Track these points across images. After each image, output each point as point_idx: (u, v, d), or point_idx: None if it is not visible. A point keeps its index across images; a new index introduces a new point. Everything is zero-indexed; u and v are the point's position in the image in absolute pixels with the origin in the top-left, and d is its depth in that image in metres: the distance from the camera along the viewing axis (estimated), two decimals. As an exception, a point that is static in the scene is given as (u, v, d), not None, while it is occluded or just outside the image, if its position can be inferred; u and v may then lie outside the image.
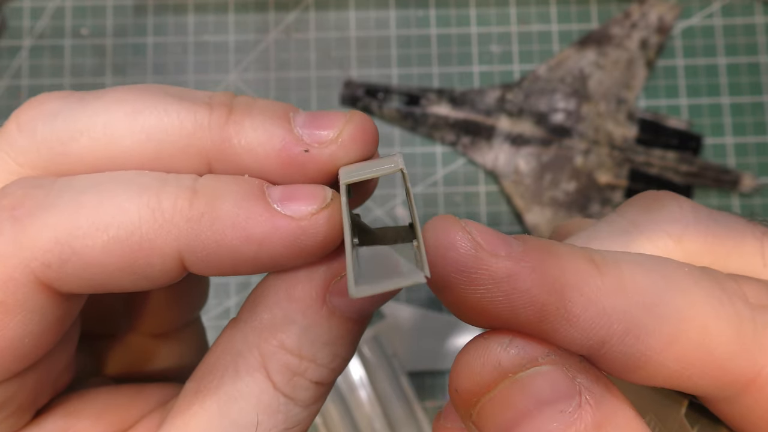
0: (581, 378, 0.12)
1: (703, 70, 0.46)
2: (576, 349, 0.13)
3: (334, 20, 0.47)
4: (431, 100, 0.43)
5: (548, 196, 0.43)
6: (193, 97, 0.16)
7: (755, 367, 0.13)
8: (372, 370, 0.42)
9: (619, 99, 0.45)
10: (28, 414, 0.16)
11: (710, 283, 0.13)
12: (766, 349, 0.13)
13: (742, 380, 0.13)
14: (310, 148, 0.15)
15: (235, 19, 0.47)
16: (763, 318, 0.13)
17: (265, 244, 0.14)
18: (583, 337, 0.13)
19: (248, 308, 0.16)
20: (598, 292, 0.12)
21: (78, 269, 0.14)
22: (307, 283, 0.15)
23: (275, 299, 0.16)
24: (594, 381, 0.13)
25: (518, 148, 0.43)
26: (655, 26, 0.46)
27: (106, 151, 0.15)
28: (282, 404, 0.15)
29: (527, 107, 0.44)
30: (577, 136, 0.43)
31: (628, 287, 0.13)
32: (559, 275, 0.12)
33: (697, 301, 0.13)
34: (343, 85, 0.45)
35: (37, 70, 0.46)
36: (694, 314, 0.13)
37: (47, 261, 0.14)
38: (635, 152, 0.44)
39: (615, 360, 0.13)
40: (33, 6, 0.47)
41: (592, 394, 0.12)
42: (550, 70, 0.45)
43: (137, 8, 0.47)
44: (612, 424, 0.12)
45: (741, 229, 0.16)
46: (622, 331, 0.12)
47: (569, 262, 0.13)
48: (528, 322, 0.13)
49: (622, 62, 0.45)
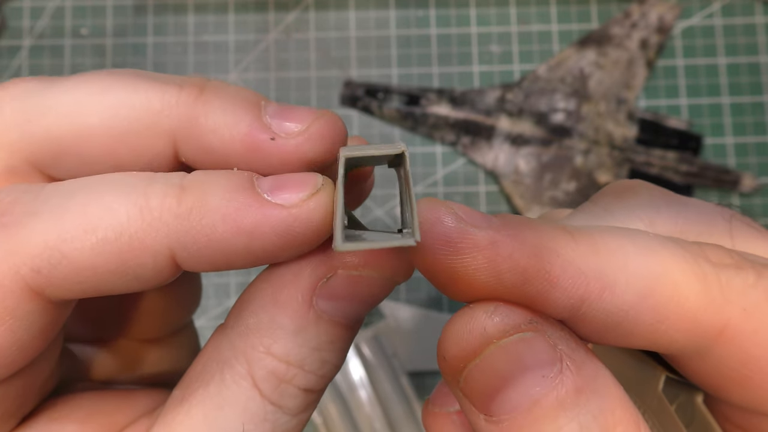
0: (562, 345, 0.13)
1: (703, 70, 0.46)
2: (559, 312, 0.13)
3: (334, 20, 0.47)
4: (431, 100, 0.43)
5: (548, 196, 0.43)
6: (165, 78, 0.16)
7: (723, 317, 0.13)
8: (372, 370, 0.42)
9: (619, 99, 0.45)
10: (14, 419, 0.16)
11: (676, 246, 0.14)
12: (731, 302, 0.13)
13: (711, 331, 0.14)
14: (276, 136, 0.15)
15: (235, 19, 0.47)
16: (727, 274, 0.14)
17: (257, 234, 0.14)
18: (564, 297, 0.13)
19: (235, 314, 0.16)
20: (574, 254, 0.13)
21: (68, 273, 0.14)
22: (292, 286, 0.15)
23: (261, 303, 0.15)
24: (575, 348, 0.13)
25: (518, 148, 0.43)
26: (655, 26, 0.46)
27: (73, 128, 0.15)
28: (269, 413, 0.15)
29: (527, 107, 0.44)
30: (577, 136, 0.43)
31: (600, 250, 0.13)
32: (537, 241, 0.13)
33: (665, 260, 0.14)
34: (343, 85, 0.45)
35: (37, 70, 0.46)
36: (664, 271, 0.13)
37: (37, 266, 0.13)
38: (635, 152, 0.44)
39: (595, 318, 0.13)
40: (33, 6, 0.47)
41: (572, 360, 0.13)
42: (550, 70, 0.45)
43: (137, 8, 0.47)
44: (591, 389, 0.13)
45: (710, 212, 0.17)
46: (599, 289, 0.13)
47: (545, 231, 0.14)
48: (512, 286, 0.13)
49: (623, 62, 0.45)
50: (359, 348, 0.42)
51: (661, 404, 0.16)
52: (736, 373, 0.14)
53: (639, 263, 0.14)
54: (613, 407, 0.13)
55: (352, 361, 0.42)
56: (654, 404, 0.17)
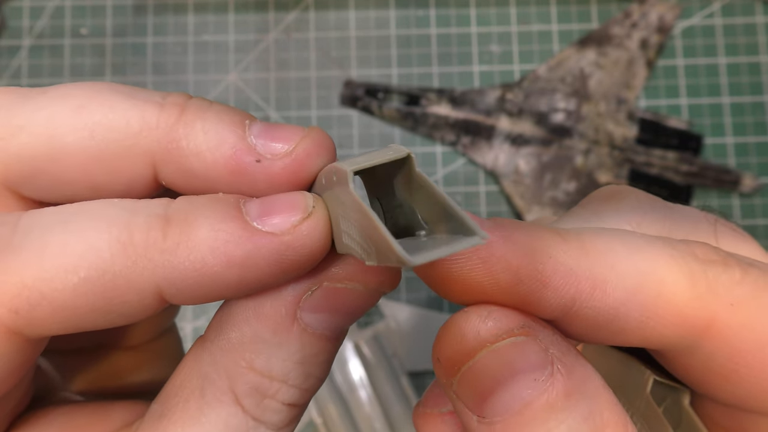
0: (554, 349, 0.13)
1: (704, 70, 0.46)
2: (551, 311, 0.14)
3: (334, 20, 0.47)
4: (431, 100, 0.43)
5: (548, 196, 0.43)
6: (145, 95, 0.15)
7: (709, 312, 0.14)
8: (372, 370, 0.42)
9: (620, 99, 0.45)
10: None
11: (663, 244, 0.14)
12: (718, 298, 0.14)
13: (699, 326, 0.14)
14: (262, 158, 0.15)
15: (235, 19, 0.47)
16: (714, 271, 0.14)
17: (249, 265, 0.13)
18: (556, 296, 0.14)
19: (215, 326, 0.15)
20: (565, 254, 0.14)
21: (48, 313, 0.13)
22: (276, 299, 0.15)
23: (243, 317, 0.15)
24: (566, 351, 0.13)
25: (518, 148, 0.43)
26: (656, 26, 0.46)
27: (47, 149, 0.14)
28: (251, 428, 0.15)
29: (527, 107, 0.44)
30: (577, 136, 0.43)
31: (590, 250, 0.14)
32: (529, 243, 0.14)
33: (653, 258, 0.14)
34: (343, 85, 0.45)
35: (36, 70, 0.46)
36: (652, 268, 0.14)
37: (15, 307, 0.13)
38: (635, 152, 0.44)
39: (586, 317, 0.14)
40: (32, 5, 0.47)
41: (563, 364, 0.13)
42: (550, 70, 0.45)
43: (137, 8, 0.47)
44: (581, 392, 0.13)
45: (695, 216, 0.17)
46: (589, 288, 0.14)
47: (537, 232, 0.14)
48: (506, 286, 0.14)
49: (623, 62, 0.45)
50: (359, 348, 0.42)
51: (649, 406, 0.16)
52: (723, 368, 0.14)
53: (627, 262, 0.14)
54: (602, 409, 0.13)
55: (352, 361, 0.42)
56: (642, 406, 0.17)
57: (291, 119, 0.46)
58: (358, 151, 0.45)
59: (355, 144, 0.45)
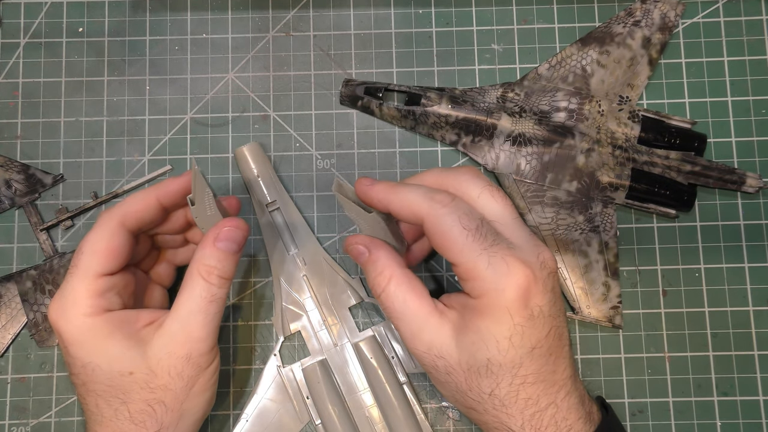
0: (371, 247, 0.35)
1: (707, 68, 0.46)
2: (397, 212, 0.34)
3: (333, 18, 0.46)
4: (432, 99, 0.43)
5: (550, 196, 0.43)
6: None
7: (426, 213, 0.33)
8: (371, 371, 0.41)
9: (622, 98, 0.44)
10: (132, 299, 0.37)
11: (423, 190, 0.33)
12: (431, 209, 0.32)
13: (424, 218, 0.33)
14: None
15: (234, 17, 0.46)
16: (436, 200, 0.33)
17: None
18: (393, 209, 0.34)
19: (196, 254, 0.34)
20: (397, 194, 0.34)
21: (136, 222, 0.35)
22: (206, 238, 0.34)
23: (200, 246, 0.34)
24: (378, 247, 0.35)
25: (519, 148, 0.43)
26: (659, 24, 0.45)
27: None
28: (206, 287, 0.33)
29: (528, 106, 0.44)
30: (579, 136, 0.43)
31: (403, 193, 0.33)
32: (387, 190, 0.34)
33: (415, 195, 0.33)
34: (342, 83, 0.45)
35: (33, 68, 0.46)
36: (413, 198, 0.33)
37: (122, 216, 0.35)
38: (638, 152, 0.43)
39: (400, 214, 0.34)
40: (29, 2, 0.46)
41: (372, 252, 0.35)
42: (551, 68, 0.45)
43: (134, 5, 0.46)
44: (374, 260, 0.34)
45: (470, 177, 0.35)
46: (399, 207, 0.34)
47: (391, 186, 0.34)
48: (380, 204, 0.34)
49: (625, 61, 0.45)
50: (359, 349, 0.42)
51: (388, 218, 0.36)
52: (431, 239, 0.32)
53: (409, 196, 0.33)
54: (383, 268, 0.34)
55: (352, 362, 0.42)
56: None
57: (290, 118, 0.45)
58: (357, 150, 0.45)
59: (355, 144, 0.45)
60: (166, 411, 0.33)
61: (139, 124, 0.45)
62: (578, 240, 0.43)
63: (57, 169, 0.45)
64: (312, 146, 0.45)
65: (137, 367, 0.32)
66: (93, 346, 0.32)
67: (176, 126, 0.45)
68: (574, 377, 0.33)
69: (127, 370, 0.32)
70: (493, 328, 0.31)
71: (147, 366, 0.32)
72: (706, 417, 0.42)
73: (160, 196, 0.35)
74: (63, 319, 0.32)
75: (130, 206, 0.34)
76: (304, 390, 0.41)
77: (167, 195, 0.35)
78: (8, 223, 0.44)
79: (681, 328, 0.43)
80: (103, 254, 0.33)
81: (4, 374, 0.43)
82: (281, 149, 0.45)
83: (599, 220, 0.43)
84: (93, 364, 0.32)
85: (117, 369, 0.32)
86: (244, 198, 0.44)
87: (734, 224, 0.44)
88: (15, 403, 0.43)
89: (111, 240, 0.33)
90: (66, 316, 0.32)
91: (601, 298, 0.43)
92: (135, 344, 0.33)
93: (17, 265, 0.44)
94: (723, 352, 0.43)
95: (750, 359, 0.43)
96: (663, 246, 0.44)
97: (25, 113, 0.45)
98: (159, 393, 0.33)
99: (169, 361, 0.33)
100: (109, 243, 0.33)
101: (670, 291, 0.44)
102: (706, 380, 0.43)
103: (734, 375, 0.43)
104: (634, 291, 0.44)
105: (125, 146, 0.45)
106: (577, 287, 0.42)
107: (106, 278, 0.33)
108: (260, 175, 0.43)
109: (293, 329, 0.42)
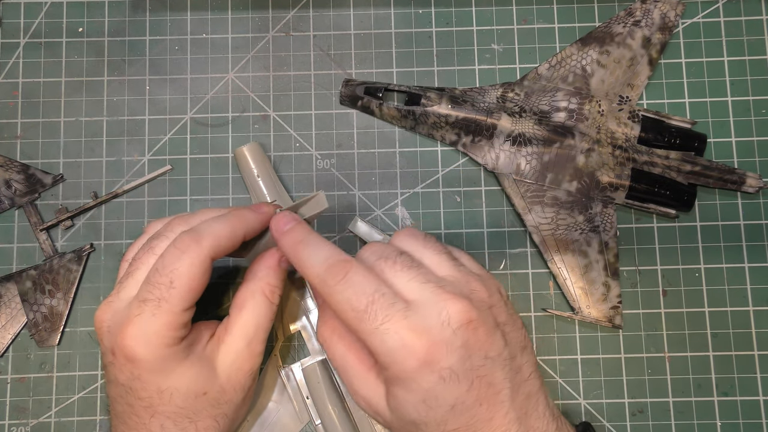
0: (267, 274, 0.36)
1: (707, 68, 0.46)
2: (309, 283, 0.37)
3: (333, 18, 0.46)
4: (432, 99, 0.43)
5: (550, 196, 0.43)
6: None
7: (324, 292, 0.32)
8: (371, 371, 0.41)
9: (622, 98, 0.44)
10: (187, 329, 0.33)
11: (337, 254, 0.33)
12: (328, 285, 0.31)
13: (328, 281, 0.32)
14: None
15: (234, 17, 0.46)
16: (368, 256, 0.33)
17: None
18: (305, 278, 0.33)
19: (250, 271, 0.36)
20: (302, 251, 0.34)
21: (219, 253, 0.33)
22: (271, 257, 0.36)
23: (263, 265, 0.36)
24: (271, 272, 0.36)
25: (519, 148, 0.43)
26: (659, 24, 0.45)
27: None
28: (270, 305, 0.35)
29: (528, 106, 0.44)
30: (579, 136, 0.43)
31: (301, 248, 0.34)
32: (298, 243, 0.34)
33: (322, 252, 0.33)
34: (342, 83, 0.45)
35: (33, 68, 0.46)
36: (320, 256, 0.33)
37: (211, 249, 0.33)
38: (638, 152, 0.43)
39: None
40: (29, 2, 0.46)
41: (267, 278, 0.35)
42: (551, 68, 0.45)
43: (134, 5, 0.46)
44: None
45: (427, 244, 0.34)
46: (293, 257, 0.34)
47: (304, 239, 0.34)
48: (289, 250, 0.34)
49: (625, 60, 0.45)
50: (359, 349, 0.42)
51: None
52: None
53: (309, 261, 0.33)
54: (329, 318, 0.35)
55: (352, 362, 0.42)
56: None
57: (290, 118, 0.45)
58: (357, 150, 0.45)
59: (355, 144, 0.45)
60: (227, 421, 0.34)
61: (139, 124, 0.45)
62: (578, 240, 0.43)
63: (57, 169, 0.45)
64: (312, 146, 0.45)
65: (210, 387, 0.33)
66: (172, 373, 0.32)
67: (176, 126, 0.45)
68: (521, 417, 0.31)
69: (202, 390, 0.33)
70: (407, 396, 0.30)
71: (218, 384, 0.33)
72: (706, 417, 0.42)
73: (246, 235, 0.34)
74: (145, 350, 0.31)
75: (220, 241, 0.33)
76: (303, 390, 0.41)
77: (249, 233, 0.35)
78: (8, 223, 0.44)
79: (681, 328, 0.43)
80: (196, 292, 0.32)
81: (4, 374, 0.43)
82: (281, 149, 0.45)
83: (599, 220, 0.43)
84: (171, 389, 0.32)
85: (193, 391, 0.32)
86: (244, 198, 0.44)
87: (734, 224, 0.44)
88: (15, 403, 0.43)
89: (203, 277, 0.32)
90: (148, 348, 0.31)
91: (601, 298, 0.42)
92: (206, 364, 0.33)
93: (17, 265, 0.44)
94: (723, 352, 0.43)
95: (750, 359, 0.43)
96: (663, 246, 0.44)
97: (25, 113, 0.45)
98: (224, 407, 0.34)
99: (237, 378, 0.34)
100: (202, 280, 0.32)
101: (670, 291, 0.44)
102: (706, 380, 0.43)
103: (734, 375, 0.43)
104: (634, 291, 0.44)
105: (125, 146, 0.45)
106: (577, 287, 0.42)
107: (190, 310, 0.33)
108: (260, 175, 0.43)
109: (293, 329, 0.42)
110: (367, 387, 0.32)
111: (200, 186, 0.44)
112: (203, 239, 0.32)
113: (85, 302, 0.44)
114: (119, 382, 0.32)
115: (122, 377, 0.32)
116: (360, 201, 0.44)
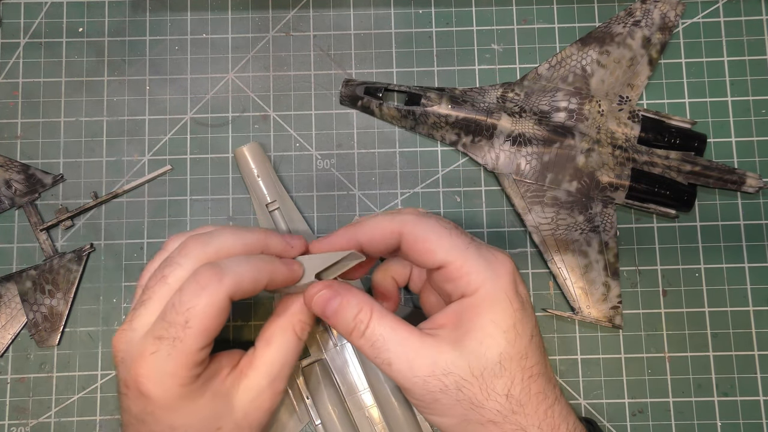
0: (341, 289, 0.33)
1: (707, 68, 0.46)
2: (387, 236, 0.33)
3: (333, 18, 0.46)
4: (432, 99, 0.43)
5: (550, 196, 0.43)
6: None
7: (400, 227, 0.33)
8: (371, 371, 0.41)
9: (622, 98, 0.44)
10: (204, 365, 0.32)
11: (385, 215, 0.34)
12: (403, 222, 0.33)
13: (398, 231, 0.33)
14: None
15: (234, 17, 0.46)
16: (405, 213, 0.33)
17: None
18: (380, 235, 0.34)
19: (281, 305, 0.35)
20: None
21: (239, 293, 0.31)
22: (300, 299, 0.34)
23: (293, 303, 0.35)
24: (343, 291, 0.33)
25: (519, 148, 0.43)
26: (659, 24, 0.45)
27: None
28: (297, 341, 0.34)
29: (528, 106, 0.44)
30: (579, 136, 0.43)
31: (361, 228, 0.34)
32: (352, 225, 0.34)
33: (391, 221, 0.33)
34: (342, 83, 0.45)
35: (33, 68, 0.46)
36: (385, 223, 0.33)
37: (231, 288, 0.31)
38: (638, 152, 0.43)
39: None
40: (29, 2, 0.46)
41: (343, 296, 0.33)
42: (551, 68, 0.45)
43: (134, 5, 0.46)
44: (346, 304, 0.32)
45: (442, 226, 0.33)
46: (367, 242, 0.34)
47: (353, 224, 0.35)
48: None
49: (625, 60, 0.45)
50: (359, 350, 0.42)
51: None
52: (411, 251, 0.32)
53: (377, 220, 0.33)
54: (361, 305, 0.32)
55: (352, 363, 0.42)
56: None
57: (290, 118, 0.45)
58: (357, 150, 0.45)
59: (355, 144, 0.45)
60: None
61: (139, 124, 0.45)
62: (578, 240, 0.43)
63: (57, 169, 0.45)
64: (312, 146, 0.45)
65: (225, 422, 0.32)
66: (187, 410, 0.31)
67: (176, 126, 0.45)
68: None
69: (215, 426, 0.32)
70: (498, 319, 0.30)
71: (233, 420, 0.32)
72: (707, 417, 0.42)
73: (269, 286, 0.32)
74: (159, 388, 0.30)
75: (242, 285, 0.31)
76: (304, 390, 0.41)
77: (272, 285, 0.33)
78: (8, 223, 0.44)
79: (681, 328, 0.43)
80: (212, 331, 0.30)
81: (4, 374, 0.43)
82: (281, 149, 0.45)
83: (599, 220, 0.43)
84: (185, 427, 0.31)
85: (207, 427, 0.31)
86: (244, 198, 0.44)
87: (734, 224, 0.44)
88: (15, 404, 0.43)
89: (221, 317, 0.30)
90: (163, 386, 0.30)
91: (601, 298, 0.42)
92: (223, 400, 0.32)
93: (17, 265, 0.44)
94: (723, 353, 0.43)
95: (750, 359, 0.43)
96: (663, 246, 0.44)
97: (25, 113, 0.45)
98: None
99: (255, 416, 0.33)
100: (219, 320, 0.30)
101: (670, 291, 0.44)
102: (707, 380, 0.43)
103: (734, 375, 0.43)
104: (634, 291, 0.44)
105: (125, 146, 0.45)
106: (577, 287, 0.42)
107: (207, 348, 0.31)
108: (260, 175, 0.43)
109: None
110: (429, 348, 0.31)
111: (200, 186, 0.44)
112: (225, 277, 0.30)
113: (85, 302, 0.44)
114: (132, 413, 0.31)
115: (135, 409, 0.31)
116: (360, 201, 0.44)
